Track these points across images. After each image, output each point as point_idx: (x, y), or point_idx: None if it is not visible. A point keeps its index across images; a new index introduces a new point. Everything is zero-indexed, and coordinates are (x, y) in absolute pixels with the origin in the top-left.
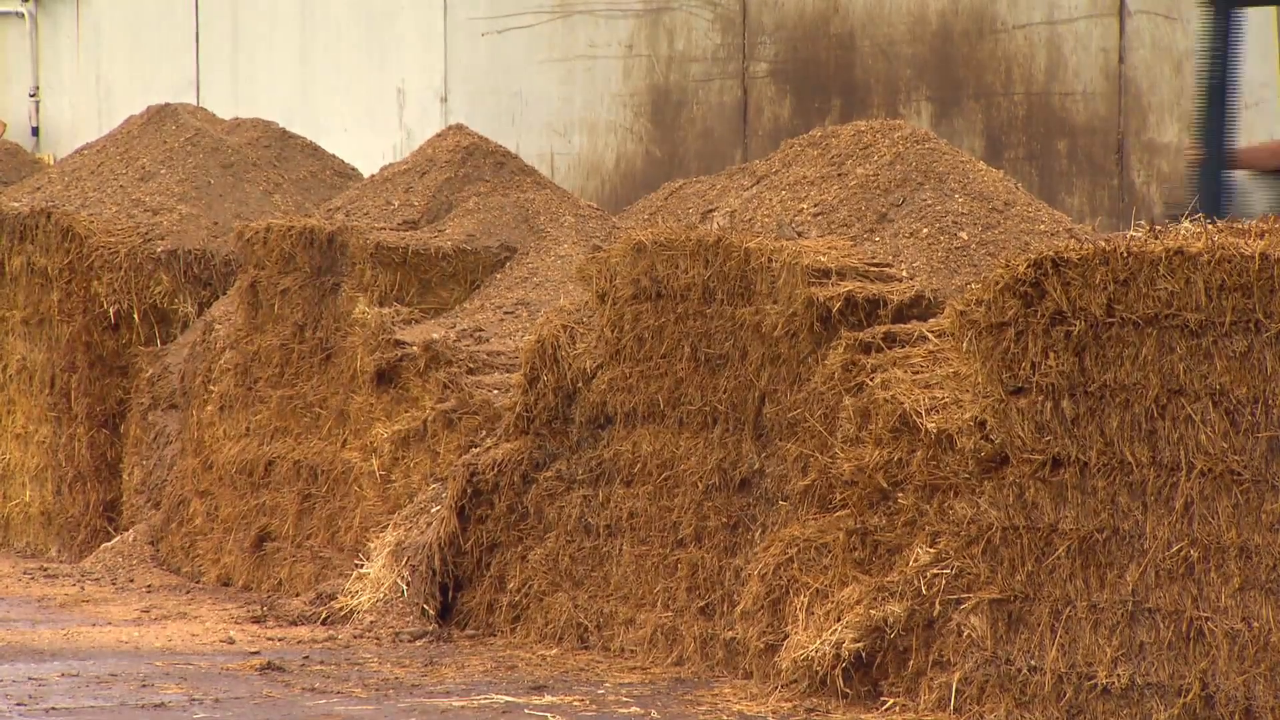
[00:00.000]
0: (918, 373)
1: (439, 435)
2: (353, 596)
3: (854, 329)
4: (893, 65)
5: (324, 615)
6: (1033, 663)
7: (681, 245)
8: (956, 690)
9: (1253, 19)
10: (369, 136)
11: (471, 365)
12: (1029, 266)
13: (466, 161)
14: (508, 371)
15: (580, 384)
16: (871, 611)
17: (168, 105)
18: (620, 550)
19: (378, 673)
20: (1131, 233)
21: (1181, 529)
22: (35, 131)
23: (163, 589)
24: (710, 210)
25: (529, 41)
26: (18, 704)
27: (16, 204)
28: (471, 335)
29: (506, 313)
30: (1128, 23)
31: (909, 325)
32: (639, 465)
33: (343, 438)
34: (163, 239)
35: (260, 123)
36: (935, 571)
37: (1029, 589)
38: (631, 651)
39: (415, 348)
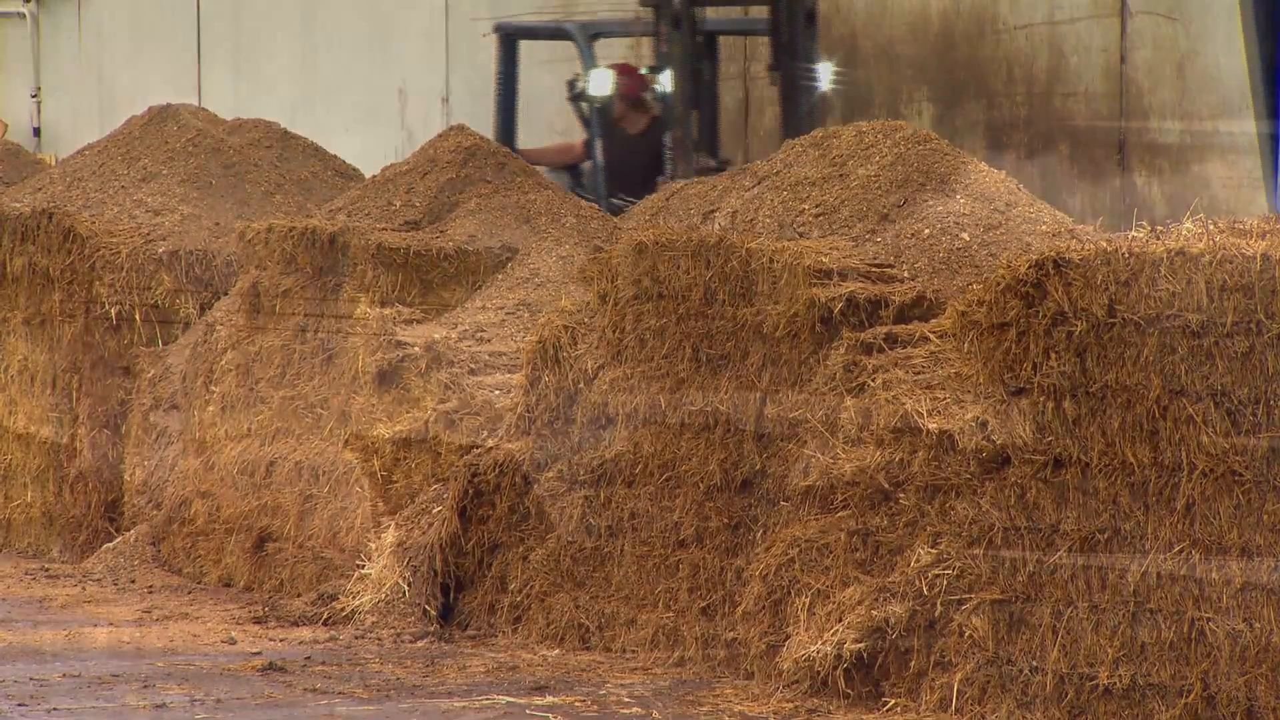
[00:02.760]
0: (919, 373)
1: (440, 436)
2: (354, 597)
3: (855, 330)
4: (894, 66)
5: (325, 616)
6: (1034, 663)
7: (683, 246)
8: (958, 691)
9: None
10: (370, 137)
11: (473, 366)
12: (1030, 267)
13: (468, 162)
14: (509, 372)
15: (581, 384)
16: (873, 612)
17: (169, 106)
18: (622, 551)
19: (379, 673)
20: (1133, 233)
21: (1183, 530)
22: (36, 132)
23: (164, 589)
24: (712, 211)
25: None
26: (19, 704)
27: (18, 205)
28: (473, 336)
29: (508, 313)
30: (1129, 23)
31: (910, 326)
32: (640, 466)
33: (344, 438)
34: (164, 239)
35: (262, 123)
36: (937, 572)
37: (1030, 589)
38: (633, 652)
39: (417, 348)
